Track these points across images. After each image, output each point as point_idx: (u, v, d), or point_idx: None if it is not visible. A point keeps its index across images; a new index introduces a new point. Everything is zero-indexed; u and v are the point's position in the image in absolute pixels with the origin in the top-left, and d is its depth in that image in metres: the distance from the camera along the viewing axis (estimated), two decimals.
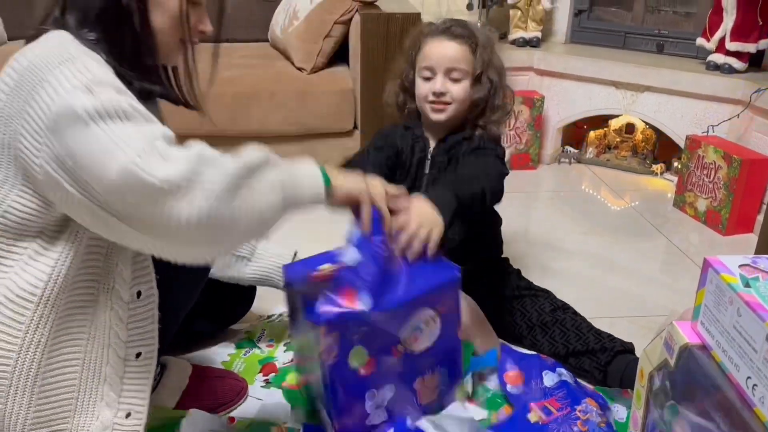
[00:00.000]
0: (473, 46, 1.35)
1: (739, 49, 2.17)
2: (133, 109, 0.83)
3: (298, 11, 2.07)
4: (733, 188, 1.99)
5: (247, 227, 0.87)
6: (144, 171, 0.78)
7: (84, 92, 0.81)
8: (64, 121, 0.81)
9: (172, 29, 0.99)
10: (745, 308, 0.70)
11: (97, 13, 0.93)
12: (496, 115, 1.37)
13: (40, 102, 0.82)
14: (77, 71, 0.83)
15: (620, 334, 1.36)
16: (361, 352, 1.04)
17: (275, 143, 2.05)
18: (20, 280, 0.90)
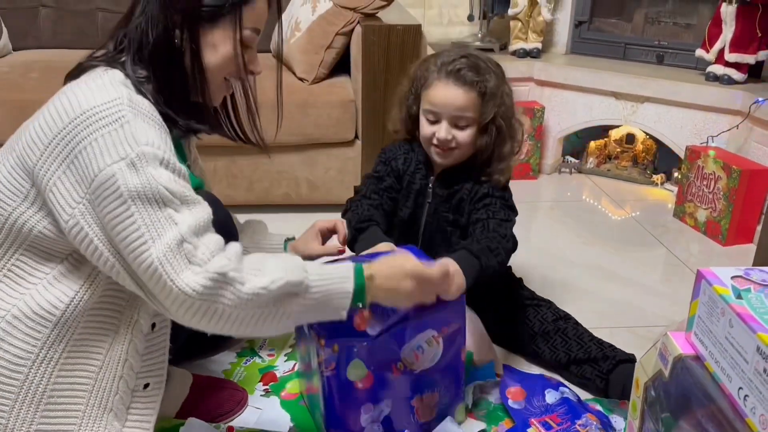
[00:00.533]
0: (482, 93, 1.29)
1: (738, 60, 2.18)
2: (171, 193, 0.86)
3: (300, 22, 2.09)
4: (733, 199, 1.99)
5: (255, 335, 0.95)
6: (167, 275, 0.83)
7: (129, 167, 0.85)
8: (105, 191, 0.85)
9: (220, 70, 1.02)
10: (736, 320, 0.71)
11: (150, 51, 0.97)
12: (501, 165, 1.33)
13: (84, 160, 0.86)
14: (125, 141, 0.86)
15: (620, 345, 1.36)
16: (359, 366, 1.05)
17: (277, 153, 2.07)
18: (41, 299, 0.92)
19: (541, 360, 1.38)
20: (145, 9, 0.98)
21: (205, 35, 0.99)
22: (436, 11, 2.85)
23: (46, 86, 1.04)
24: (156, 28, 0.97)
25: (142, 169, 0.85)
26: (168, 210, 0.86)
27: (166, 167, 0.88)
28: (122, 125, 0.86)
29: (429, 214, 1.40)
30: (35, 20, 2.39)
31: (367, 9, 2.01)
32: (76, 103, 0.88)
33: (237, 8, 0.99)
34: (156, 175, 0.86)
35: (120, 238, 0.86)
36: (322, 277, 0.93)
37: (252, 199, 2.11)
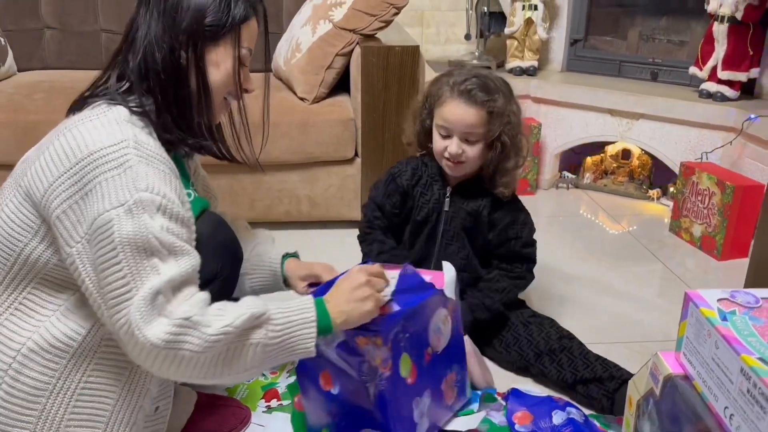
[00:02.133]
0: (491, 112, 1.38)
1: (731, 77, 2.22)
2: (160, 243, 0.89)
3: (301, 43, 2.13)
4: (727, 214, 2.02)
5: (224, 381, 0.96)
6: (135, 325, 0.86)
7: (126, 214, 0.88)
8: (101, 235, 0.88)
9: (223, 87, 1.05)
10: (722, 341, 0.74)
11: (156, 73, 0.99)
12: (504, 178, 1.44)
13: (88, 201, 0.89)
14: (126, 186, 0.89)
15: (617, 360, 1.39)
16: (406, 360, 1.09)
17: (278, 171, 2.11)
18: (56, 331, 0.95)
19: (548, 379, 1.40)
20: (147, 33, 1.00)
21: (209, 54, 1.02)
22: (433, 30, 2.89)
23: (50, 107, 1.07)
24: (162, 50, 0.99)
25: (138, 217, 0.88)
26: (153, 260, 0.88)
27: (163, 213, 0.90)
28: (125, 170, 0.89)
29: (446, 222, 1.49)
30: (40, 42, 2.43)
31: (366, 30, 2.05)
32: (83, 143, 0.91)
33: (236, 27, 1.03)
34: (149, 223, 0.88)
35: (106, 282, 0.88)
36: (283, 308, 0.97)
37: (253, 217, 2.14)
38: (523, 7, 2.59)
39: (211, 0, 1.00)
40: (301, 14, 2.27)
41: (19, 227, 0.94)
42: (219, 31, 1.01)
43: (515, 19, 2.61)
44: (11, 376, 0.93)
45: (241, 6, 1.02)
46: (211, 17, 1.00)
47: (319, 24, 2.10)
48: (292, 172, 2.10)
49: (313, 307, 0.99)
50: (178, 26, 0.99)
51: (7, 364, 0.94)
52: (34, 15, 2.41)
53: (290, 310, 0.97)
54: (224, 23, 1.01)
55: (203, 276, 1.09)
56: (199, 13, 0.99)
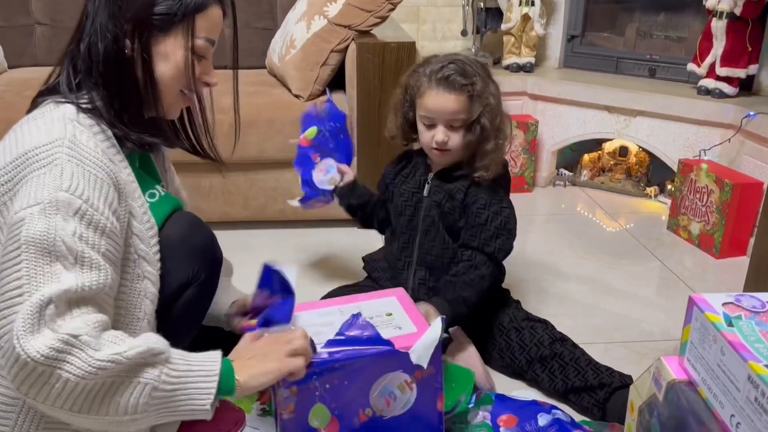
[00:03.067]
0: (470, 94, 1.38)
1: (730, 74, 2.20)
2: (67, 248, 0.81)
3: (295, 40, 2.10)
4: (726, 212, 2.01)
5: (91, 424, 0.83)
6: (17, 339, 0.76)
7: (39, 213, 0.81)
8: (11, 233, 0.82)
9: (174, 81, 1.00)
10: (728, 347, 0.72)
11: (100, 63, 0.95)
12: (484, 161, 1.41)
13: (16, 200, 0.84)
14: (46, 186, 0.83)
15: (616, 360, 1.37)
16: (321, 410, 1.00)
17: (272, 169, 2.08)
18: None
19: (540, 388, 1.39)
20: (94, 21, 0.95)
21: (156, 45, 0.96)
22: (429, 26, 2.87)
23: None
24: (105, 39, 0.94)
25: (50, 217, 0.81)
26: (56, 265, 0.80)
27: (81, 219, 0.83)
28: (51, 169, 0.85)
29: (427, 209, 1.48)
30: (31, 38, 2.39)
31: (362, 26, 2.03)
32: (21, 142, 0.88)
33: (190, 17, 0.97)
34: (60, 225, 0.81)
35: (2, 282, 0.81)
36: (186, 355, 0.88)
37: (248, 216, 2.12)
38: (519, 3, 2.56)
39: None
40: (295, 10, 2.24)
41: None
42: (169, 21, 0.96)
43: (512, 15, 2.59)
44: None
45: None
46: (160, 5, 0.95)
47: (313, 20, 2.07)
48: (286, 171, 2.07)
49: (218, 360, 0.89)
50: (124, 14, 0.94)
51: None
52: (24, 11, 2.38)
53: (193, 359, 0.88)
54: (174, 12, 0.95)
55: (177, 282, 1.05)
56: (146, 1, 0.94)
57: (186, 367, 0.87)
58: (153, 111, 1.02)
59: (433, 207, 1.48)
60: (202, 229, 1.12)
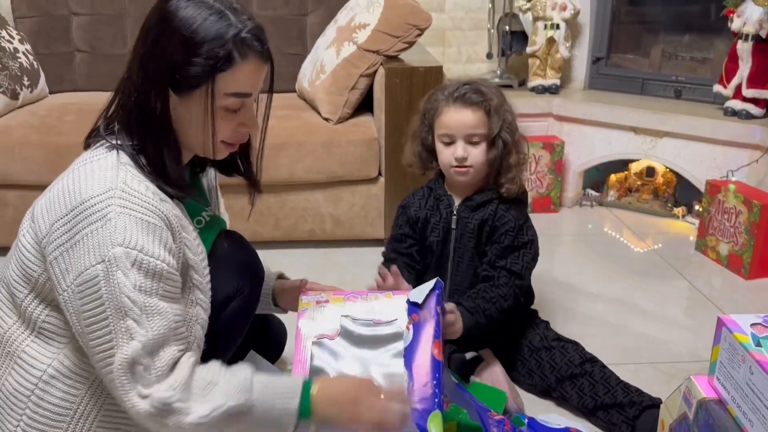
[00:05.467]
0: (488, 110, 1.42)
1: (756, 95, 2.20)
2: (132, 302, 0.88)
3: (325, 65, 2.16)
4: (755, 233, 2.00)
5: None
6: (121, 388, 0.87)
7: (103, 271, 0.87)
8: (87, 287, 0.89)
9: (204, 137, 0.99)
10: (756, 367, 0.73)
11: (134, 120, 0.97)
12: (510, 174, 1.44)
13: (75, 252, 0.89)
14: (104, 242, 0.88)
15: (644, 381, 1.38)
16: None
17: (302, 191, 2.13)
18: (75, 358, 0.96)
19: (568, 404, 1.40)
20: (129, 75, 0.97)
21: (183, 105, 0.96)
22: (455, 49, 2.91)
23: (81, 129, 1.07)
24: (137, 96, 0.96)
25: (113, 275, 0.87)
26: (128, 321, 0.88)
27: (138, 269, 0.88)
28: (105, 224, 0.88)
29: (456, 240, 1.49)
30: (71, 65, 2.49)
31: (390, 51, 2.08)
32: (77, 189, 0.91)
33: (210, 77, 0.94)
34: (121, 282, 0.87)
35: (92, 336, 0.89)
36: (266, 394, 0.93)
37: (278, 236, 2.16)
38: (545, 27, 2.60)
39: (189, 46, 0.92)
40: (325, 36, 2.30)
41: (32, 256, 0.96)
42: (191, 83, 0.94)
43: (537, 38, 2.62)
44: (34, 402, 0.95)
45: (222, 51, 0.93)
46: (190, 66, 0.93)
47: (343, 46, 2.13)
48: (316, 191, 2.12)
49: (299, 395, 0.94)
50: (150, 70, 0.95)
51: (30, 390, 0.96)
52: (65, 39, 2.47)
53: (275, 395, 0.94)
54: (195, 75, 0.93)
55: (224, 294, 1.12)
56: (169, 61, 0.93)
57: (269, 407, 0.93)
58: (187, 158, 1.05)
59: (464, 238, 1.48)
60: (246, 248, 1.20)
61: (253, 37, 0.95)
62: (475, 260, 1.49)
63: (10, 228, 2.08)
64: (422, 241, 1.53)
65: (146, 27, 0.97)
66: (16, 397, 0.96)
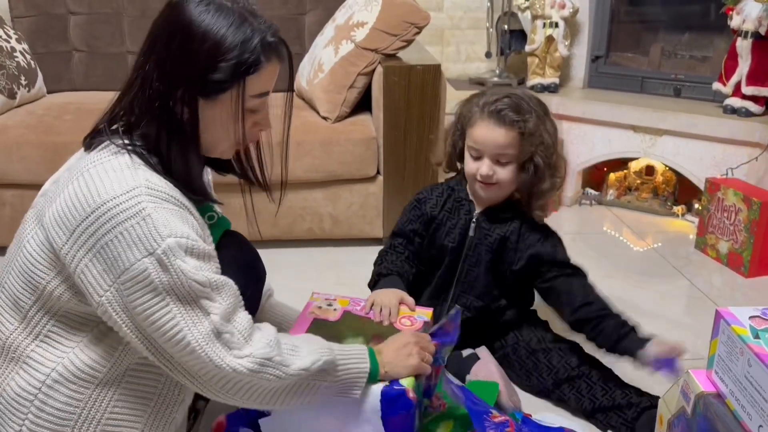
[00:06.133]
0: (523, 131, 1.34)
1: (756, 93, 2.20)
2: (200, 284, 0.91)
3: (323, 64, 2.15)
4: (754, 231, 2.00)
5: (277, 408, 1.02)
6: (211, 359, 0.91)
7: (158, 262, 0.88)
8: (138, 284, 0.88)
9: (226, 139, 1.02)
10: (754, 359, 0.73)
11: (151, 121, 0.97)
12: (540, 201, 1.40)
13: (111, 252, 0.88)
14: (150, 235, 0.88)
15: (643, 379, 1.37)
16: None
17: (301, 189, 2.12)
18: (80, 362, 0.96)
19: (567, 406, 1.38)
20: (147, 78, 0.95)
21: (210, 108, 0.97)
22: (453, 48, 2.91)
23: (79, 128, 1.07)
24: (153, 100, 0.95)
25: (170, 264, 0.88)
26: (201, 301, 0.91)
27: (191, 254, 0.91)
28: (144, 218, 0.88)
29: (470, 248, 1.45)
30: (69, 64, 2.48)
31: (388, 50, 2.07)
32: (95, 191, 0.90)
33: (240, 80, 0.95)
34: (184, 268, 0.89)
35: (154, 327, 0.89)
36: (345, 356, 1.04)
37: (276, 235, 2.15)
38: (543, 25, 2.60)
39: (218, 50, 0.93)
40: (323, 35, 2.30)
41: (41, 264, 0.95)
42: (222, 86, 0.95)
43: (536, 37, 2.62)
44: (37, 407, 0.95)
45: (250, 56, 0.95)
46: (217, 72, 0.94)
47: (341, 44, 2.12)
48: (314, 191, 2.12)
49: (368, 359, 1.06)
50: (175, 77, 0.94)
51: (33, 394, 0.95)
52: (63, 38, 2.47)
53: (350, 360, 1.05)
54: (226, 79, 0.95)
55: None
56: (201, 67, 0.94)
57: (346, 368, 1.04)
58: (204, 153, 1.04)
59: (478, 248, 1.44)
60: (248, 248, 1.20)
61: (277, 40, 1.00)
62: (489, 274, 1.45)
63: (8, 227, 2.07)
64: (431, 242, 1.48)
65: (167, 32, 0.95)
66: (18, 402, 0.95)
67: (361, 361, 1.05)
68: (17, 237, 1.02)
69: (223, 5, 0.95)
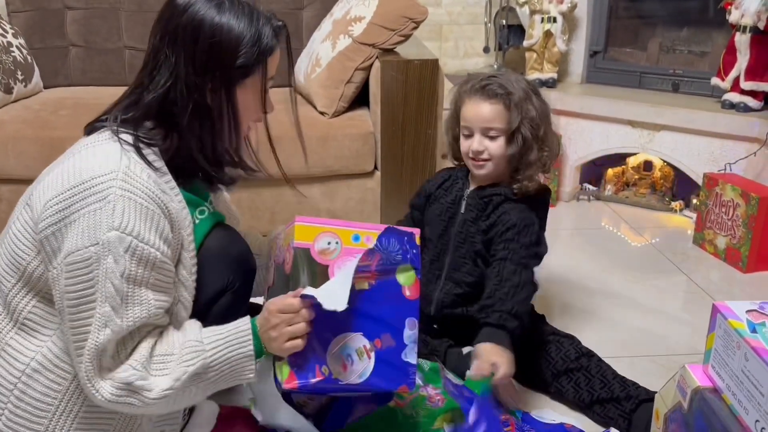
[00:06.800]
0: (507, 103, 1.39)
1: (754, 88, 2.20)
2: (115, 290, 0.90)
3: (321, 58, 2.14)
4: (752, 226, 1.99)
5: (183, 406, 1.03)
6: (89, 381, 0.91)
7: (97, 253, 0.89)
8: (76, 268, 0.90)
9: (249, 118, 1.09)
10: (751, 353, 0.72)
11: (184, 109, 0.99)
12: (529, 171, 1.42)
13: (69, 231, 0.90)
14: (101, 224, 0.89)
15: (642, 374, 1.37)
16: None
17: (298, 185, 2.11)
18: (57, 349, 0.96)
19: (565, 399, 1.39)
20: (174, 70, 0.99)
21: (236, 93, 1.02)
22: (452, 44, 2.91)
23: (75, 123, 1.08)
24: (191, 90, 0.99)
25: (103, 259, 0.89)
26: (105, 307, 0.90)
27: (131, 256, 0.90)
28: (103, 205, 0.89)
29: (460, 224, 1.48)
30: (65, 59, 2.47)
31: (385, 45, 2.07)
32: (79, 169, 0.92)
33: (263, 61, 1.03)
34: (111, 268, 0.89)
35: (72, 316, 0.91)
36: (220, 348, 0.97)
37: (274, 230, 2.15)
38: (541, 20, 2.59)
39: (242, 39, 1.00)
40: (321, 30, 2.29)
41: (23, 244, 0.96)
42: (247, 71, 1.02)
43: (534, 32, 2.61)
44: (16, 396, 0.95)
45: (268, 39, 1.03)
46: (240, 58, 1.00)
47: (338, 39, 2.12)
48: (312, 186, 2.11)
49: (251, 339, 0.99)
50: (211, 69, 0.99)
51: (13, 383, 0.95)
52: (59, 33, 2.46)
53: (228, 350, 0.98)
54: (252, 63, 1.01)
55: (213, 289, 1.11)
56: (231, 55, 1.00)
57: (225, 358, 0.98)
58: (233, 147, 1.09)
59: (467, 223, 1.47)
60: (238, 242, 1.18)
61: (282, 23, 1.07)
62: (477, 250, 1.46)
63: (3, 222, 2.06)
64: (427, 216, 1.55)
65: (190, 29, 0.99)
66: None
67: (241, 345, 0.99)
68: (7, 223, 1.03)
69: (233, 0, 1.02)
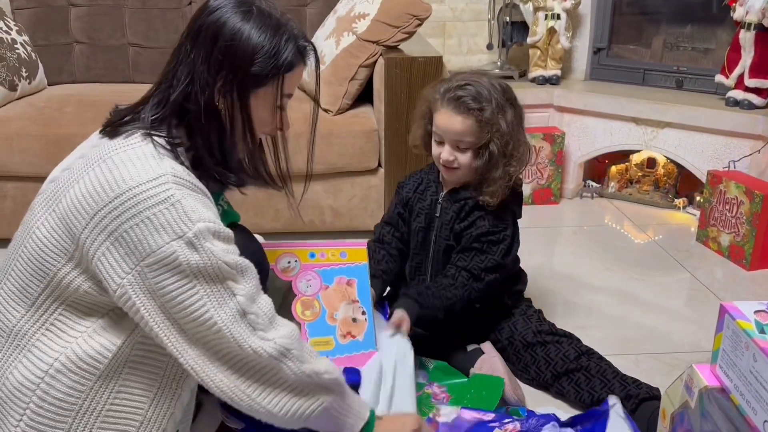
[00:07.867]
0: (480, 119, 1.37)
1: (758, 85, 2.19)
2: (228, 265, 0.93)
3: (325, 56, 2.14)
4: (756, 223, 2.00)
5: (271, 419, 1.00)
6: (235, 340, 0.93)
7: (188, 245, 0.90)
8: (165, 266, 0.90)
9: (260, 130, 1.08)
10: (760, 354, 0.73)
11: (197, 111, 1.00)
12: (491, 188, 1.41)
13: (135, 236, 0.90)
14: (180, 220, 0.91)
15: (645, 372, 1.37)
16: None
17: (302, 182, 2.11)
18: (82, 352, 0.95)
19: (566, 399, 1.39)
20: (191, 71, 0.99)
21: (247, 100, 1.02)
22: (455, 41, 2.90)
23: (80, 120, 1.08)
24: (204, 92, 0.99)
25: (201, 246, 0.91)
26: (227, 282, 0.94)
27: (218, 238, 0.94)
28: (173, 204, 0.90)
29: (438, 229, 1.49)
30: (69, 56, 2.47)
31: (389, 42, 2.06)
32: (120, 178, 0.91)
33: (279, 75, 1.02)
34: (214, 250, 0.92)
35: (179, 308, 0.91)
36: (352, 396, 1.08)
37: (278, 227, 2.15)
38: (545, 17, 2.58)
39: (260, 48, 1.00)
40: (324, 27, 2.28)
41: (53, 251, 0.95)
42: (261, 80, 1.01)
43: (538, 29, 2.61)
44: (39, 396, 0.94)
45: (288, 54, 1.02)
46: (258, 66, 1.00)
47: (342, 36, 2.12)
48: (315, 183, 2.11)
49: (368, 412, 1.09)
50: (225, 71, 0.99)
51: (36, 384, 0.95)
52: (63, 30, 2.46)
53: (355, 401, 1.08)
54: (267, 73, 1.01)
55: None
56: (246, 61, 0.99)
57: (350, 404, 1.06)
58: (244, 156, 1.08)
59: (443, 229, 1.48)
60: (254, 241, 1.22)
61: (309, 44, 1.08)
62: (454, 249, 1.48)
63: (8, 220, 2.07)
64: (407, 224, 1.56)
65: (210, 31, 0.99)
66: (21, 391, 0.95)
67: (363, 408, 1.08)
68: (24, 224, 1.01)
69: (263, 9, 1.02)
